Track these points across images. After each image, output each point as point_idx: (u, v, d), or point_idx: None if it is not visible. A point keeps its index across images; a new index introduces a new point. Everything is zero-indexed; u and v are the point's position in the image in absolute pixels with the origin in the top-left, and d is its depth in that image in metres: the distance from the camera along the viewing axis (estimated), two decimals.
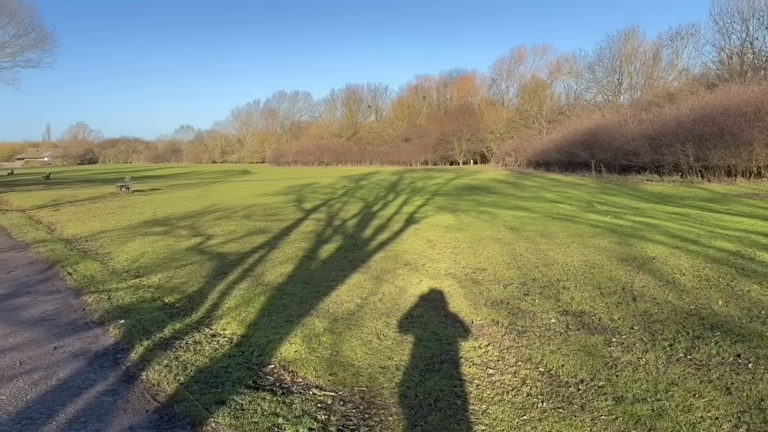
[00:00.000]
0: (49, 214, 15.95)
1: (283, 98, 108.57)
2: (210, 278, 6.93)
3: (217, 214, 14.62)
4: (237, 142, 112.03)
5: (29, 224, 13.70)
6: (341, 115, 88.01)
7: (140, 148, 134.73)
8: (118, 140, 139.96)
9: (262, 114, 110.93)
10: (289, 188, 25.27)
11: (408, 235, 9.97)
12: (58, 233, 12.04)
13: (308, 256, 8.27)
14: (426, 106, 77.09)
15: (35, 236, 11.31)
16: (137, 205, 18.19)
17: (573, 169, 32.66)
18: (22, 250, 9.70)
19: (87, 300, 5.91)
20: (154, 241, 10.06)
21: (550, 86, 57.17)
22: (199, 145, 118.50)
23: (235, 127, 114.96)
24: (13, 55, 25.88)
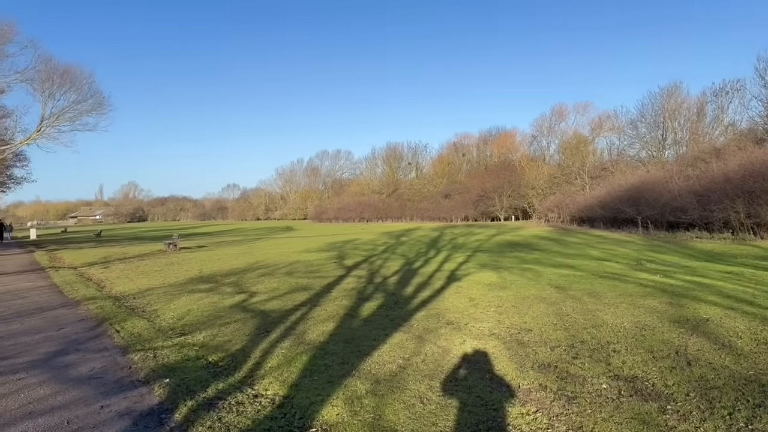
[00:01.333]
0: (99, 272, 16.44)
1: (325, 157, 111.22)
2: (253, 336, 6.95)
3: (260, 271, 14.79)
4: (280, 199, 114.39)
5: (80, 281, 14.12)
6: (382, 172, 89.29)
7: (188, 206, 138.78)
8: (167, 198, 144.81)
9: (305, 172, 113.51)
10: (331, 245, 25.46)
11: (450, 293, 9.85)
12: (107, 290, 12.36)
13: (350, 314, 8.23)
14: (466, 163, 77.59)
15: (85, 293, 11.63)
16: (184, 262, 18.59)
17: (618, 225, 32.02)
18: (72, 307, 9.96)
19: (133, 358, 5.99)
20: (199, 299, 10.22)
21: (592, 142, 56.91)
22: (244, 203, 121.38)
23: (279, 185, 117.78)
24: (72, 119, 27.34)
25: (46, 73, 26.12)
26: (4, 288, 13.27)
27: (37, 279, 15.20)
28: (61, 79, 26.51)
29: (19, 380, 5.35)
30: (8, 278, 15.70)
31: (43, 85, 26.24)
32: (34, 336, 7.43)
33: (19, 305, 10.36)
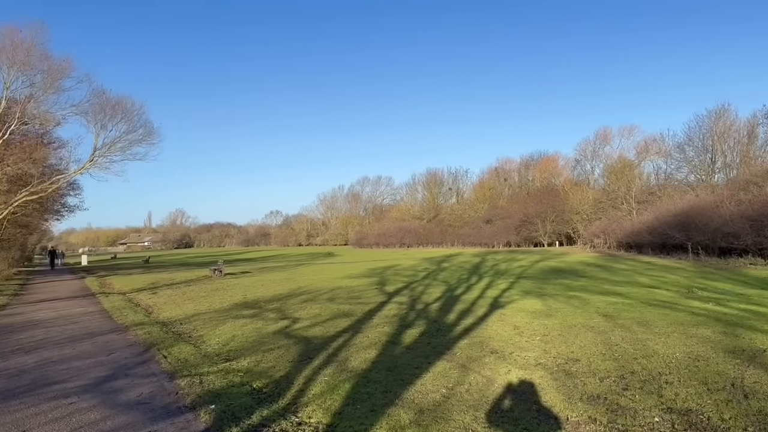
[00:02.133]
0: (147, 297, 16.86)
1: (366, 183, 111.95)
2: (296, 363, 6.98)
3: (302, 296, 14.91)
4: (322, 225, 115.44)
5: (129, 307, 14.49)
6: (422, 197, 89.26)
7: (232, 232, 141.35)
8: (212, 225, 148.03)
9: (346, 198, 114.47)
10: (372, 270, 25.48)
11: (493, 321, 9.70)
12: (154, 316, 12.64)
13: (392, 341, 8.19)
14: (507, 188, 76.89)
15: (134, 319, 11.92)
16: (228, 288, 18.89)
17: (667, 251, 31.07)
18: (121, 332, 10.22)
19: (180, 384, 6.08)
20: (243, 324, 10.35)
21: (638, 166, 55.63)
22: (287, 229, 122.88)
23: (321, 211, 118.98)
24: (123, 149, 28.26)
25: (99, 105, 27.18)
26: (56, 313, 13.72)
27: (88, 304, 15.67)
28: (113, 110, 27.54)
29: (70, 404, 5.49)
30: (61, 303, 16.24)
31: (96, 117, 27.29)
32: (85, 361, 7.64)
33: (71, 330, 10.69)
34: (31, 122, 26.23)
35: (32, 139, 26.51)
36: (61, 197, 35.14)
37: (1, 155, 23.20)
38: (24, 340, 9.69)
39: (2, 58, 23.32)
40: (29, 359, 7.91)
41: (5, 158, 23.27)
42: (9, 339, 9.92)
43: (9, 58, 23.27)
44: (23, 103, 24.41)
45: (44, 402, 5.59)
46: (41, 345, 9.10)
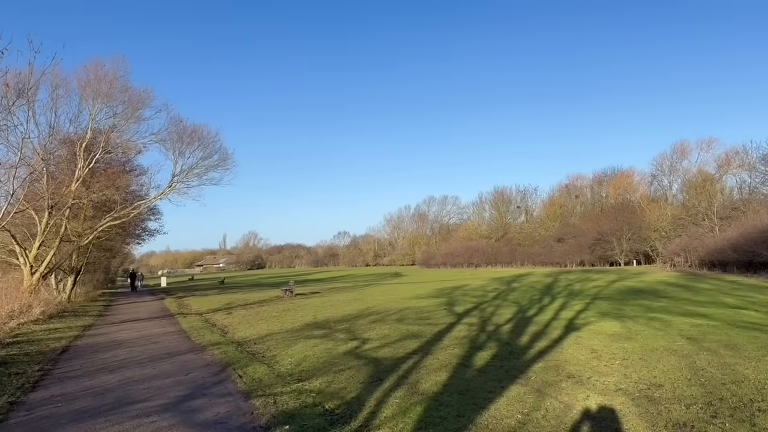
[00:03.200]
0: (222, 317, 17.37)
1: (432, 202, 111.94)
2: (367, 384, 6.96)
3: (371, 317, 14.93)
4: (389, 245, 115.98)
5: (205, 327, 14.96)
6: (490, 216, 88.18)
7: (302, 253, 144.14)
8: (283, 246, 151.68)
9: (413, 218, 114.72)
10: (440, 291, 25.27)
11: (569, 344, 9.37)
12: (230, 336, 12.99)
13: (462, 363, 8.05)
14: (579, 205, 74.82)
15: (210, 339, 12.28)
16: (299, 308, 19.20)
17: (754, 269, 29.22)
18: (199, 352, 10.54)
19: (255, 404, 6.18)
20: (314, 345, 10.45)
21: (720, 180, 52.90)
22: (354, 249, 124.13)
23: (387, 231, 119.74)
24: (199, 175, 29.51)
25: (177, 133, 28.56)
26: (138, 333, 14.33)
27: (167, 325, 16.30)
28: (190, 138, 28.85)
29: (151, 423, 5.68)
30: (142, 324, 16.97)
31: (174, 145, 28.68)
32: (164, 380, 7.91)
33: (151, 350, 11.13)
34: (114, 151, 27.82)
35: (115, 167, 28.13)
36: (142, 222, 36.97)
37: (88, 183, 24.66)
38: (108, 360, 10.16)
39: (88, 91, 24.92)
40: (113, 378, 8.28)
41: (91, 185, 24.72)
42: (95, 358, 10.43)
43: (94, 91, 24.84)
44: (107, 133, 25.93)
45: (127, 420, 5.81)
46: (124, 364, 9.51)
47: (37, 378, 8.51)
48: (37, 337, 13.85)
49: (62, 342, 12.85)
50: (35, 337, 13.71)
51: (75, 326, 16.63)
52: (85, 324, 17.43)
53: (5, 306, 16.16)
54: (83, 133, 25.19)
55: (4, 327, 14.20)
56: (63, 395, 7.21)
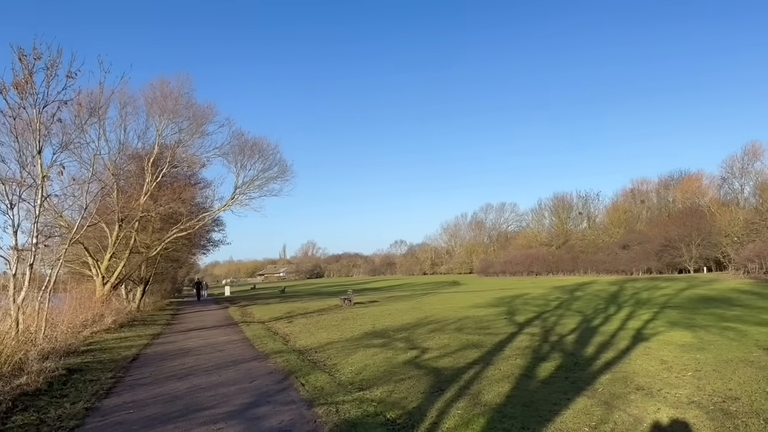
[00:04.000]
0: (284, 326, 17.69)
1: (489, 210, 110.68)
2: (427, 394, 6.92)
3: (430, 326, 14.86)
4: (446, 253, 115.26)
5: (268, 335, 15.26)
6: (550, 223, 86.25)
7: (359, 262, 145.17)
8: (341, 256, 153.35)
9: (470, 226, 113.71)
10: (499, 300, 24.89)
11: (637, 355, 9.04)
12: (291, 344, 13.20)
13: (525, 374, 7.89)
14: (645, 210, 72.29)
15: (273, 347, 12.52)
16: (358, 317, 19.32)
17: None
18: (262, 360, 10.76)
19: (318, 412, 6.24)
20: (374, 354, 10.48)
21: None
22: (411, 258, 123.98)
23: (444, 240, 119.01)
24: (260, 186, 30.33)
25: (239, 146, 29.46)
26: (204, 341, 14.76)
27: (232, 333, 16.73)
28: (250, 151, 29.70)
29: (218, 430, 5.81)
30: (208, 332, 17.47)
31: (236, 158, 29.59)
32: (230, 387, 8.10)
33: (217, 358, 11.44)
34: (179, 165, 28.93)
35: (181, 181, 29.20)
36: (207, 233, 38.20)
37: (155, 196, 25.69)
38: (176, 367, 10.50)
39: (154, 108, 26.04)
40: (181, 385, 8.54)
41: (158, 199, 25.75)
42: (164, 366, 10.80)
43: (160, 108, 25.94)
44: (173, 148, 27.00)
45: (195, 427, 5.96)
46: (191, 372, 9.80)
47: (110, 385, 8.87)
48: (109, 345, 14.48)
49: (133, 350, 13.38)
50: (107, 346, 14.34)
51: (144, 335, 17.30)
52: (154, 332, 18.10)
53: (79, 315, 16.96)
54: (150, 148, 26.34)
55: (79, 335, 14.90)
56: (134, 402, 7.49)
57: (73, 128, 14.60)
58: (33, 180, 12.64)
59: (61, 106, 12.57)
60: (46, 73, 12.00)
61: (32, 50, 11.75)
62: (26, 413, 6.84)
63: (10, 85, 11.77)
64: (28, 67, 11.78)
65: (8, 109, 11.98)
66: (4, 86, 11.71)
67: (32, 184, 12.65)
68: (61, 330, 13.54)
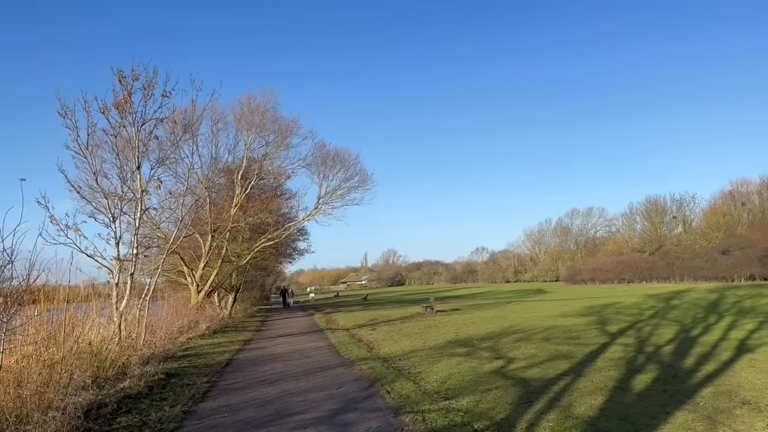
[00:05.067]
0: (367, 333, 17.88)
1: (576, 215, 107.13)
2: (516, 405, 6.76)
3: (515, 335, 14.54)
4: (530, 260, 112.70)
5: (352, 342, 15.48)
6: (642, 228, 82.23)
7: (440, 270, 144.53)
8: (421, 263, 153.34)
9: (555, 232, 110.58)
10: (588, 308, 23.97)
11: (742, 367, 8.43)
12: (376, 351, 13.32)
13: (620, 386, 7.54)
14: (746, 213, 67.60)
15: (358, 354, 12.69)
16: (440, 325, 19.21)
17: None
18: (348, 366, 10.92)
19: (404, 420, 6.24)
20: (459, 363, 10.38)
21: None
22: (493, 265, 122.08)
23: (528, 246, 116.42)
24: (342, 196, 31.02)
25: (321, 158, 30.27)
26: (292, 348, 15.18)
27: (318, 339, 17.10)
28: (332, 161, 30.43)
29: None
30: (295, 338, 17.96)
31: (318, 169, 30.43)
32: (318, 393, 8.28)
33: (305, 364, 11.72)
34: (266, 177, 30.08)
35: (268, 192, 30.32)
36: (293, 242, 39.40)
37: (244, 207, 26.79)
38: (267, 372, 10.86)
39: (242, 123, 27.24)
40: (272, 390, 8.82)
41: (247, 210, 26.84)
42: (255, 371, 11.20)
43: (248, 123, 27.10)
44: (260, 160, 28.11)
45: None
46: (281, 377, 10.10)
47: (205, 389, 9.30)
48: (204, 350, 15.18)
49: (225, 355, 13.96)
50: (202, 351, 15.04)
51: (236, 341, 18.02)
52: (245, 338, 18.81)
53: (176, 322, 17.89)
54: (239, 162, 27.55)
55: (176, 341, 15.70)
56: (228, 406, 7.80)
57: (168, 144, 15.49)
58: (133, 194, 13.52)
59: (157, 123, 13.43)
60: (143, 93, 12.88)
61: (130, 72, 12.63)
62: (129, 415, 7.29)
63: (112, 106, 12.69)
64: (127, 88, 12.67)
65: (110, 128, 12.93)
66: (106, 107, 12.65)
67: (132, 198, 13.53)
68: (159, 336, 14.33)
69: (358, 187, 31.10)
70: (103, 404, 7.60)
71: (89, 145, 12.73)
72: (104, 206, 13.19)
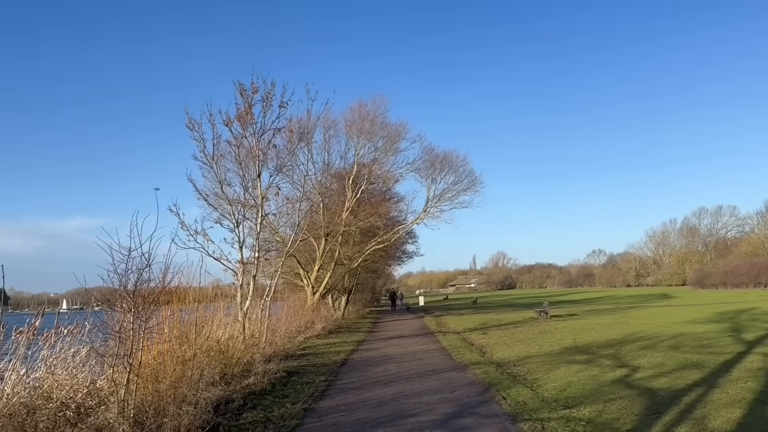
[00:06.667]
0: (479, 337, 17.66)
1: (704, 214, 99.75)
2: (643, 416, 6.38)
3: (639, 343, 13.74)
4: (652, 263, 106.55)
5: (464, 346, 15.37)
6: None
7: (553, 273, 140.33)
8: (533, 266, 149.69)
9: (680, 233, 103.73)
10: (721, 315, 22.16)
11: None
12: (488, 356, 13.13)
13: (760, 399, 6.90)
14: None
15: (470, 358, 12.56)
16: (556, 330, 18.58)
17: None
18: (461, 370, 10.85)
19: (523, 428, 6.09)
20: (578, 370, 9.97)
21: None
22: (612, 269, 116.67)
23: (650, 248, 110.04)
24: (450, 199, 30.93)
25: (429, 161, 30.41)
26: (403, 349, 15.32)
27: (429, 342, 17.15)
28: (441, 164, 30.45)
29: None
30: (406, 341, 18.12)
31: (427, 172, 30.59)
32: (432, 396, 8.29)
33: (417, 366, 11.80)
34: (376, 182, 30.69)
35: (377, 196, 30.89)
36: (402, 245, 39.83)
37: (355, 211, 27.47)
38: (381, 373, 11.04)
39: (353, 130, 27.98)
40: (387, 391, 8.95)
41: (358, 214, 27.52)
42: (369, 371, 11.43)
43: (358, 129, 27.80)
44: (369, 166, 28.75)
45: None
46: (394, 379, 10.23)
47: (323, 388, 9.61)
48: (320, 350, 15.71)
49: (341, 355, 14.36)
50: (319, 350, 15.58)
51: (350, 341, 18.49)
52: (358, 339, 19.26)
53: (294, 322, 18.65)
54: (350, 167, 28.34)
55: (294, 340, 16.37)
56: (345, 405, 8.02)
57: (285, 153, 16.25)
58: (254, 201, 14.31)
59: (275, 133, 14.11)
60: (263, 105, 13.60)
61: (250, 84, 13.37)
62: (255, 411, 7.69)
63: (234, 118, 13.51)
64: (248, 100, 13.43)
65: (233, 139, 13.77)
66: (229, 119, 13.50)
67: (254, 205, 14.33)
68: (279, 335, 15.03)
69: (467, 190, 30.88)
70: (231, 400, 8.08)
71: (214, 155, 13.67)
72: (228, 212, 14.07)
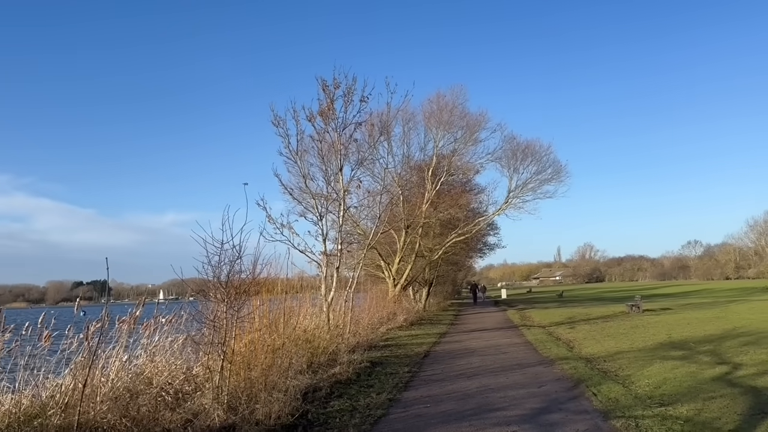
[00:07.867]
0: (566, 332, 17.14)
1: None
2: (746, 416, 5.96)
3: (741, 339, 12.86)
4: (754, 255, 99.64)
5: (550, 340, 14.97)
6: None
7: (645, 265, 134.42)
8: (623, 258, 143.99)
9: None
10: None
11: None
12: (576, 351, 12.72)
13: None
14: None
15: (557, 353, 12.21)
16: (649, 325, 17.71)
17: None
18: (548, 365, 10.57)
19: (615, 425, 5.85)
20: (673, 367, 9.46)
21: None
22: (709, 261, 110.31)
23: (751, 239, 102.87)
24: (533, 189, 30.15)
25: (511, 150, 29.75)
26: (486, 343, 15.14)
27: (513, 336, 16.85)
28: (523, 154, 29.72)
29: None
30: (488, 334, 17.89)
31: (508, 162, 29.96)
32: (518, 390, 8.13)
33: (501, 360, 11.62)
34: (455, 173, 30.42)
35: (457, 188, 30.59)
36: (483, 237, 39.29)
37: (435, 203, 27.36)
38: (464, 366, 10.96)
39: (431, 122, 27.81)
40: (471, 384, 8.86)
41: (438, 206, 27.39)
42: (452, 364, 11.37)
43: (437, 120, 27.60)
44: (449, 157, 28.52)
45: (489, 427, 6.10)
46: (478, 372, 10.12)
47: (407, 379, 9.66)
48: (403, 341, 15.79)
49: (423, 347, 14.37)
50: (401, 342, 15.66)
51: (432, 333, 18.48)
52: (440, 332, 19.21)
53: (376, 313, 18.84)
54: (429, 159, 28.22)
55: (377, 331, 16.54)
56: (429, 397, 8.01)
57: (366, 146, 16.40)
58: (336, 194, 14.55)
59: (356, 127, 14.28)
60: (344, 100, 13.79)
61: (332, 80, 13.57)
62: (341, 399, 7.83)
63: (317, 113, 13.78)
64: (330, 95, 13.65)
65: (316, 134, 14.06)
66: (312, 115, 13.79)
67: (336, 198, 14.57)
68: (362, 326, 15.23)
69: (551, 180, 30.00)
70: (318, 388, 8.28)
71: (298, 150, 14.01)
72: (312, 206, 14.41)
